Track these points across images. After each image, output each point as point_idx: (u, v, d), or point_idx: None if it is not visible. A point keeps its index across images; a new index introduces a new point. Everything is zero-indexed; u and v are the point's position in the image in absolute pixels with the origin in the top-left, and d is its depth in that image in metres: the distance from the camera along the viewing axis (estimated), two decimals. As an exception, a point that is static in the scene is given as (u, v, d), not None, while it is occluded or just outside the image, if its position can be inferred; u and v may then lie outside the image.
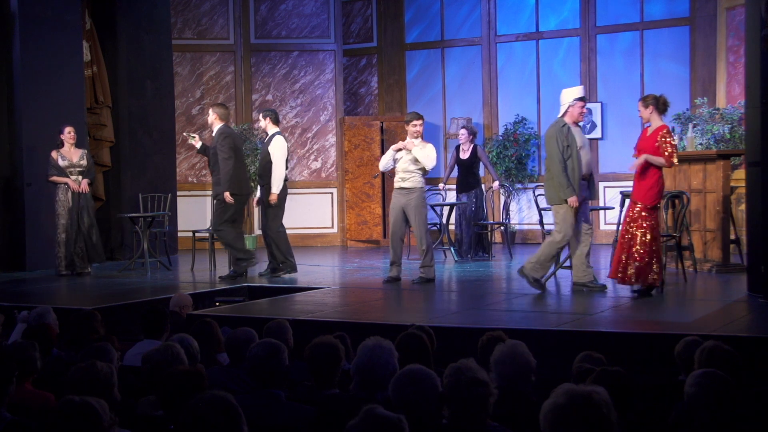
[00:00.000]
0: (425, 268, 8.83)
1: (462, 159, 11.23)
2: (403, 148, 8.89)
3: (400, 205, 8.86)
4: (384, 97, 14.54)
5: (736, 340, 5.31)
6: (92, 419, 2.78)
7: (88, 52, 11.82)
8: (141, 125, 12.34)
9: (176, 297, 6.88)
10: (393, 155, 8.97)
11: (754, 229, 7.44)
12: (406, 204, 8.83)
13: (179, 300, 6.80)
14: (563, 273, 8.89)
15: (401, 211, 8.86)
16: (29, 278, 10.18)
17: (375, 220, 13.72)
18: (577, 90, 8.05)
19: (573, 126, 7.83)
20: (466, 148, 11.22)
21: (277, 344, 3.97)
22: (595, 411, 2.44)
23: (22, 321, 5.93)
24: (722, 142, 10.65)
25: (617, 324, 6.70)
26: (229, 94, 13.97)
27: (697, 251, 9.13)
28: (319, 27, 14.14)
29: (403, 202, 8.85)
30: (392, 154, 8.98)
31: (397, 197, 8.92)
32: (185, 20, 13.93)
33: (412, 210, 8.83)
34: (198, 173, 13.96)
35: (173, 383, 3.50)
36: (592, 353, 4.32)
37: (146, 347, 4.69)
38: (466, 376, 3.18)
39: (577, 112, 7.82)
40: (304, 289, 8.76)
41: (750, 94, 7.44)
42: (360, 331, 5.30)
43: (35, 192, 10.69)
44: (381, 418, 2.66)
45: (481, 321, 6.76)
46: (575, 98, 7.84)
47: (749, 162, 7.52)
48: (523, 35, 13.62)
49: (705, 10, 12.12)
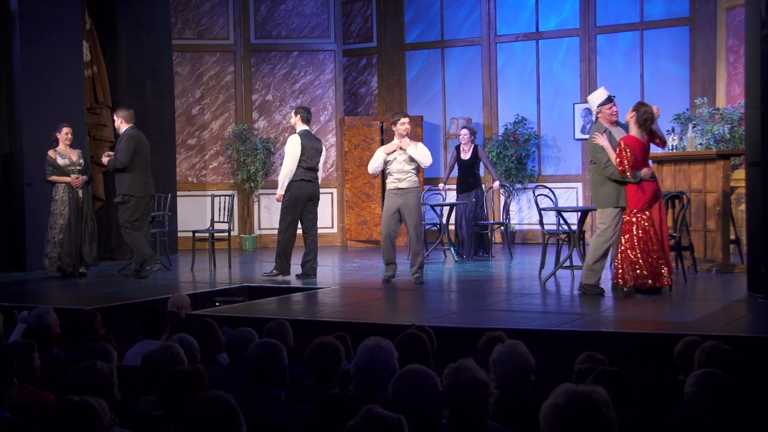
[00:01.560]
0: (420, 270, 8.82)
1: (463, 159, 11.24)
2: (398, 148, 8.82)
3: (396, 206, 8.79)
4: (384, 97, 14.54)
5: (736, 340, 5.31)
6: (92, 419, 2.78)
7: (88, 52, 11.82)
8: (141, 125, 12.27)
9: (174, 297, 6.88)
10: (384, 158, 8.89)
11: (754, 229, 7.44)
12: (404, 204, 8.77)
13: (177, 300, 6.80)
14: (563, 273, 8.89)
15: (397, 212, 8.81)
16: (29, 278, 10.17)
17: (375, 220, 13.72)
18: (600, 93, 7.87)
19: (612, 127, 7.72)
20: (467, 149, 11.24)
21: (277, 344, 3.97)
22: (595, 411, 2.44)
23: (22, 321, 5.92)
24: (722, 142, 10.65)
25: (617, 324, 6.70)
26: (229, 94, 13.97)
27: (697, 251, 9.12)
28: (319, 27, 14.14)
29: (400, 202, 8.79)
30: (383, 156, 8.89)
31: (393, 198, 8.82)
32: (185, 20, 13.93)
33: (410, 210, 8.78)
34: (198, 173, 13.96)
35: (173, 383, 3.50)
36: (594, 353, 4.30)
37: (146, 347, 4.69)
38: (465, 376, 3.18)
39: (608, 113, 7.75)
40: (304, 289, 8.76)
41: (750, 94, 7.44)
42: (360, 331, 5.30)
43: (35, 192, 10.67)
44: (381, 418, 2.66)
45: (481, 321, 6.76)
46: (599, 104, 7.75)
47: (749, 162, 7.52)
48: (523, 35, 13.62)
49: (705, 10, 12.12)
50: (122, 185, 9.72)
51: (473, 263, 10.73)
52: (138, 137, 9.83)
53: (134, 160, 9.68)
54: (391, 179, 8.88)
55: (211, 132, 13.97)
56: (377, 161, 8.94)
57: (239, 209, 13.68)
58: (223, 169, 13.98)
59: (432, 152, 14.06)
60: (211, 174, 13.97)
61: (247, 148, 13.58)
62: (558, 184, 12.97)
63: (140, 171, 9.74)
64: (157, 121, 12.54)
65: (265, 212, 13.98)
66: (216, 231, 10.84)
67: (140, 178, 9.74)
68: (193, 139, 13.93)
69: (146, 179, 9.83)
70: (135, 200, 9.67)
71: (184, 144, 13.86)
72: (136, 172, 9.69)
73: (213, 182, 13.90)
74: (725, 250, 9.05)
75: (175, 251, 12.14)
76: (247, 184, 13.71)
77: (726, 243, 9.05)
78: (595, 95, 7.88)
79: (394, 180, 8.85)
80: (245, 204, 13.85)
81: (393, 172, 8.85)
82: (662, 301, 7.38)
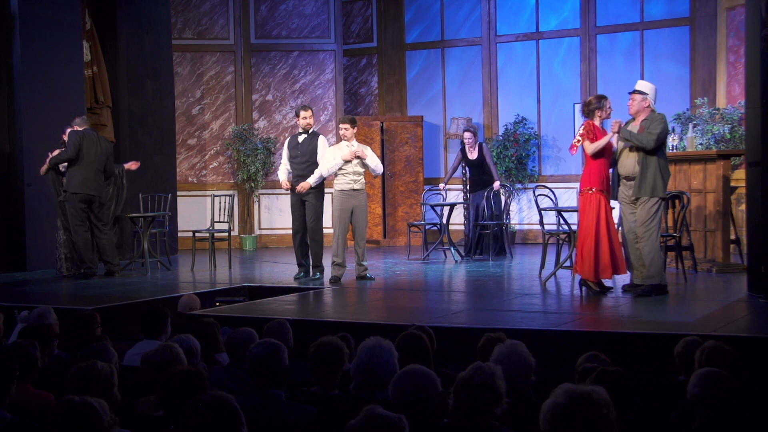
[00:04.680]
0: (364, 266, 9.12)
1: (471, 159, 11.39)
2: (356, 157, 9.00)
3: (351, 207, 9.05)
4: (384, 97, 14.54)
5: (736, 340, 5.31)
6: (92, 419, 2.79)
7: (88, 52, 11.82)
8: (141, 125, 12.35)
9: (185, 299, 6.89)
10: (341, 164, 9.02)
11: (754, 229, 7.44)
12: (357, 206, 9.06)
13: (188, 302, 6.81)
14: (563, 273, 8.89)
15: (350, 212, 9.06)
16: (29, 278, 10.17)
17: (375, 220, 13.72)
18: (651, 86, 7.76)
19: (635, 122, 7.64)
20: (473, 149, 11.35)
21: (277, 344, 3.97)
22: (595, 411, 2.44)
23: (22, 321, 5.93)
24: (722, 142, 10.65)
25: (617, 324, 6.69)
26: (229, 94, 13.98)
27: (697, 251, 9.13)
28: (320, 27, 14.14)
29: (354, 203, 9.06)
30: (341, 163, 9.02)
31: (347, 199, 9.05)
32: (185, 20, 13.93)
33: (362, 211, 9.10)
34: (198, 173, 13.96)
35: (173, 383, 3.50)
36: (598, 353, 4.29)
37: (146, 347, 4.69)
38: (482, 377, 3.17)
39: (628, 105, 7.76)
40: (304, 289, 8.77)
41: (750, 94, 7.44)
42: (360, 331, 5.30)
43: (35, 192, 10.68)
44: (381, 418, 2.66)
45: (481, 321, 6.77)
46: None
47: (749, 162, 7.52)
48: (523, 35, 13.62)
49: (705, 10, 12.12)
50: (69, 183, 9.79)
51: (473, 263, 10.72)
52: (87, 135, 9.89)
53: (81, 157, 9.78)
54: (346, 180, 9.08)
55: (212, 132, 13.97)
56: (336, 166, 9.06)
57: (239, 209, 13.68)
58: (224, 169, 13.99)
59: (432, 152, 14.29)
60: (211, 174, 13.98)
61: (247, 148, 13.58)
62: (558, 184, 12.97)
63: (82, 169, 9.83)
64: (157, 121, 12.55)
65: (265, 212, 13.98)
66: (216, 231, 10.84)
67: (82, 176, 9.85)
68: (193, 139, 13.93)
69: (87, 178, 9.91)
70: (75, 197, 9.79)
71: (185, 144, 13.86)
72: (79, 169, 9.77)
73: (213, 182, 13.91)
74: (725, 250, 9.05)
75: (175, 251, 12.14)
76: (248, 184, 13.72)
77: (726, 243, 9.05)
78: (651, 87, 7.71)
79: (350, 181, 9.07)
80: (245, 204, 13.85)
81: (348, 173, 9.07)
82: (662, 301, 7.38)
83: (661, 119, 7.47)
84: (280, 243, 13.50)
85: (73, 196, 9.68)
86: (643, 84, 7.74)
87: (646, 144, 7.36)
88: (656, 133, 7.34)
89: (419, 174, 13.83)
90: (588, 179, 7.65)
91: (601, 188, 7.60)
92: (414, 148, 13.80)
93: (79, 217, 9.71)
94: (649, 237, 7.43)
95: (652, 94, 7.61)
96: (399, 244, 13.64)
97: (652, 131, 7.37)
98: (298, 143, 9.38)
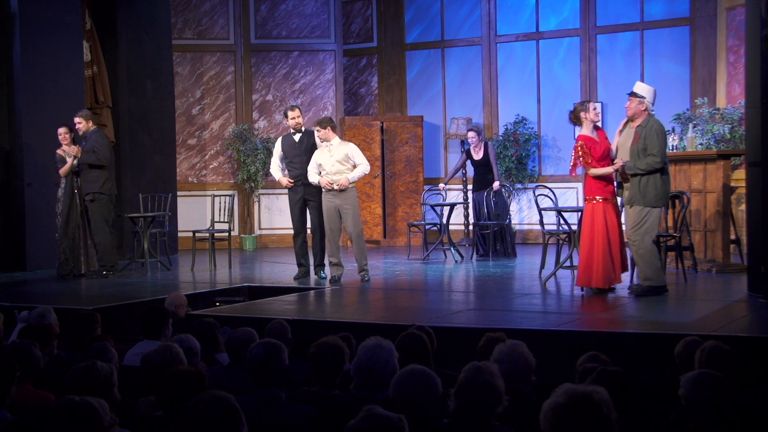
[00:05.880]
0: (366, 267, 8.99)
1: (477, 159, 11.46)
2: (336, 186, 8.80)
3: (335, 206, 8.90)
4: (384, 97, 14.54)
5: (736, 340, 5.32)
6: (92, 419, 2.79)
7: (88, 52, 11.82)
8: (141, 125, 12.35)
9: (171, 296, 6.88)
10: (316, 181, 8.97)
11: (754, 229, 7.43)
12: (341, 205, 8.89)
13: (174, 299, 6.80)
14: (563, 273, 8.89)
15: (337, 212, 8.91)
16: (29, 278, 10.18)
17: (375, 220, 13.72)
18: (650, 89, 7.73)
19: (632, 124, 7.63)
20: (478, 149, 11.43)
21: (277, 344, 3.97)
22: (595, 411, 2.44)
23: (22, 321, 5.92)
24: (722, 142, 10.64)
25: (617, 324, 6.70)
26: (229, 94, 13.97)
27: (697, 251, 9.12)
28: (320, 27, 14.14)
29: (337, 203, 8.89)
30: (316, 181, 8.95)
31: (331, 199, 8.90)
32: (185, 20, 13.93)
33: (348, 211, 8.90)
34: (198, 173, 13.96)
35: (173, 383, 3.50)
36: (598, 354, 4.28)
37: (146, 347, 4.69)
38: (482, 377, 3.17)
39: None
40: (304, 289, 8.77)
41: (750, 94, 7.44)
42: (360, 331, 5.30)
43: (35, 192, 10.68)
44: (381, 418, 2.66)
45: (481, 321, 6.77)
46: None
47: (749, 162, 7.52)
48: (523, 35, 13.62)
49: (705, 10, 12.11)
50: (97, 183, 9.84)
51: (473, 263, 10.73)
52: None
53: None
54: (328, 179, 8.91)
55: (212, 132, 13.97)
56: (314, 181, 8.97)
57: (239, 209, 13.68)
58: (224, 169, 13.98)
59: (432, 152, 14.28)
60: (211, 174, 13.97)
61: (247, 148, 13.58)
62: (558, 184, 12.96)
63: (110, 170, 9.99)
64: (157, 121, 12.55)
65: (265, 212, 13.98)
66: (216, 231, 10.84)
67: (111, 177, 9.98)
68: (193, 139, 13.93)
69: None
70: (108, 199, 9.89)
71: (185, 144, 13.86)
72: (109, 170, 9.89)
73: (213, 182, 13.90)
74: (725, 250, 9.05)
75: (175, 251, 12.14)
76: (248, 184, 13.72)
77: (726, 243, 9.05)
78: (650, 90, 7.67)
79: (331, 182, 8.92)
80: (245, 204, 13.85)
81: (330, 174, 8.90)
82: (662, 301, 7.38)
83: (657, 131, 7.45)
84: (280, 243, 13.50)
85: (104, 197, 9.80)
86: (642, 87, 7.72)
87: (653, 168, 7.38)
88: (657, 152, 7.39)
89: (419, 174, 13.83)
90: (591, 188, 7.64)
91: (605, 196, 7.58)
92: (414, 148, 13.80)
93: (108, 217, 9.86)
94: (640, 242, 7.46)
95: (650, 98, 7.60)
96: (399, 244, 13.64)
97: (653, 153, 7.37)
98: (295, 143, 9.36)
